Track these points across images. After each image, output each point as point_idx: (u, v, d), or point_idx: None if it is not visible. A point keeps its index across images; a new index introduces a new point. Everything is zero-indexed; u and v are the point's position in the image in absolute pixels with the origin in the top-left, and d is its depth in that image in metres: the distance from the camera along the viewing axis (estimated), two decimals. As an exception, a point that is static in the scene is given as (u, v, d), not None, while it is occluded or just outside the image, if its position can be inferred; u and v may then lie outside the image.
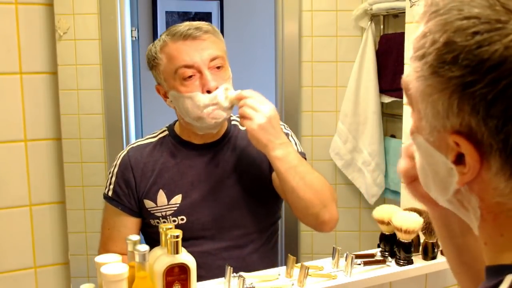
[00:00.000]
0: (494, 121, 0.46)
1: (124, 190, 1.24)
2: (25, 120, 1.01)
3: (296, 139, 1.32)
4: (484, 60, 0.45)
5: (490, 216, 0.52)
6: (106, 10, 1.45)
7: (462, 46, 0.46)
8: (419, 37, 0.52)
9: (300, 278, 1.13)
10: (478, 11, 0.46)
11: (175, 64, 1.18)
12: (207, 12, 2.65)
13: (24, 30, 0.99)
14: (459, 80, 0.47)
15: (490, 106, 0.46)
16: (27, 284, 1.04)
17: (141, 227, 1.27)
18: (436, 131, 0.51)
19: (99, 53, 1.45)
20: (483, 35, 0.46)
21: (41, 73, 1.01)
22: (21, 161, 1.01)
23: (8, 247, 1.02)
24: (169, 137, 1.29)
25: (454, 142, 0.49)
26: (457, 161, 0.51)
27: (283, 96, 1.81)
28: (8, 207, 1.02)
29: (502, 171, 0.48)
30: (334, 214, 1.19)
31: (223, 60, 1.22)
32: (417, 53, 0.51)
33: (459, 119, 0.48)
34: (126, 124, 1.50)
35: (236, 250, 1.25)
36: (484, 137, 0.47)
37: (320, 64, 1.79)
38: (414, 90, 0.53)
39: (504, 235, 0.51)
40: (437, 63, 0.49)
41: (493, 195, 0.50)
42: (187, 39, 1.18)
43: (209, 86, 1.17)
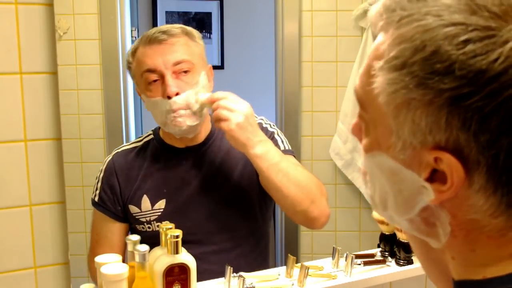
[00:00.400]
0: (486, 136, 0.43)
1: (109, 195, 1.23)
2: (25, 120, 1.01)
3: (283, 137, 1.29)
4: (482, 70, 0.42)
5: (462, 232, 0.49)
6: (106, 10, 1.45)
7: (455, 55, 0.43)
8: (389, 44, 0.47)
9: (300, 278, 1.13)
10: (462, 17, 0.43)
11: (140, 69, 1.18)
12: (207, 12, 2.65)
13: (24, 30, 0.99)
14: (452, 92, 0.43)
15: (484, 120, 0.43)
16: (27, 284, 1.04)
17: (130, 232, 1.27)
18: (411, 148, 0.47)
19: (99, 53, 1.45)
20: (475, 43, 0.43)
21: (41, 73, 1.01)
22: (21, 161, 1.01)
23: (8, 247, 1.02)
24: (154, 141, 1.28)
25: (433, 159, 0.46)
26: (430, 179, 0.47)
27: (283, 96, 1.81)
28: (8, 207, 1.02)
29: (485, 187, 0.45)
30: (324, 209, 1.16)
31: (190, 64, 1.18)
32: (394, 63, 0.46)
33: (445, 135, 0.45)
34: (126, 124, 1.50)
35: (223, 254, 1.23)
36: (471, 153, 0.44)
37: (320, 64, 1.79)
38: (383, 104, 0.48)
39: (476, 250, 0.49)
40: (425, 74, 0.44)
41: (468, 212, 0.47)
42: (153, 43, 1.17)
43: (168, 92, 1.14)
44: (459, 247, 0.50)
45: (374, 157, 0.52)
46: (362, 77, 0.52)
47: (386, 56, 0.47)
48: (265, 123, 1.30)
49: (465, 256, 0.50)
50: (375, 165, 0.53)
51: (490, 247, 0.48)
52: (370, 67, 0.50)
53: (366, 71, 0.51)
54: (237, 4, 2.70)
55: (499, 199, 0.46)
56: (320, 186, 1.18)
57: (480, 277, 0.48)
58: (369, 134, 0.53)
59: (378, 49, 0.49)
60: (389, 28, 0.48)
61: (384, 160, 0.51)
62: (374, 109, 0.50)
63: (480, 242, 0.48)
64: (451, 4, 0.44)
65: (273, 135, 1.27)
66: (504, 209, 0.46)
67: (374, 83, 0.48)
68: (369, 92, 0.50)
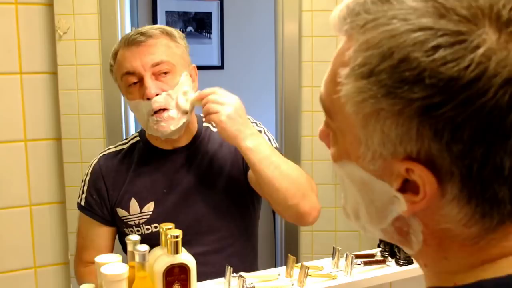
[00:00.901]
0: (459, 146, 0.41)
1: (96, 199, 1.22)
2: (25, 120, 1.01)
3: (270, 135, 1.28)
4: (453, 78, 0.40)
5: (435, 241, 0.48)
6: (106, 10, 1.45)
7: (424, 62, 0.41)
8: (356, 50, 0.45)
9: (300, 278, 1.13)
10: (430, 21, 0.41)
11: (120, 71, 1.17)
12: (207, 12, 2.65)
13: (24, 30, 0.99)
14: (423, 102, 0.41)
15: (457, 130, 0.41)
16: (27, 284, 1.04)
17: (118, 236, 1.26)
18: (382, 159, 0.45)
19: (99, 53, 1.45)
20: (446, 49, 0.40)
21: (41, 73, 1.01)
22: (21, 161, 1.01)
23: (8, 247, 1.02)
24: (140, 143, 1.27)
25: (405, 170, 0.44)
26: (402, 189, 0.46)
27: (283, 96, 1.81)
28: (8, 207, 1.02)
29: (459, 197, 0.44)
30: (315, 204, 1.15)
31: (170, 65, 1.16)
32: (361, 70, 0.44)
33: (417, 146, 0.43)
34: (126, 124, 1.50)
35: (214, 254, 1.22)
36: (444, 164, 0.43)
37: (320, 64, 1.79)
38: (351, 113, 0.46)
39: (448, 258, 0.48)
40: (393, 83, 0.42)
41: (441, 221, 0.46)
42: (132, 46, 1.15)
43: (147, 93, 1.13)
44: (432, 254, 0.49)
45: (343, 167, 0.50)
46: (327, 85, 0.50)
47: (352, 63, 0.45)
48: (252, 121, 1.29)
49: (438, 264, 0.49)
50: (345, 174, 0.51)
51: (463, 254, 0.47)
52: (335, 74, 0.47)
53: (331, 78, 0.48)
54: (237, 4, 2.70)
55: (473, 209, 0.44)
56: (310, 181, 1.17)
57: (451, 284, 0.48)
58: (337, 143, 0.51)
59: (343, 55, 0.47)
60: (354, 32, 0.46)
61: (354, 170, 0.49)
62: (341, 118, 0.48)
63: (452, 250, 0.48)
64: (418, 7, 0.42)
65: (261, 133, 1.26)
66: (478, 218, 0.45)
67: (341, 91, 0.46)
68: (336, 101, 0.47)
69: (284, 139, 1.77)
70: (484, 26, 0.41)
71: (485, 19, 0.41)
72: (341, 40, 0.49)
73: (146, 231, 1.20)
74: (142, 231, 1.20)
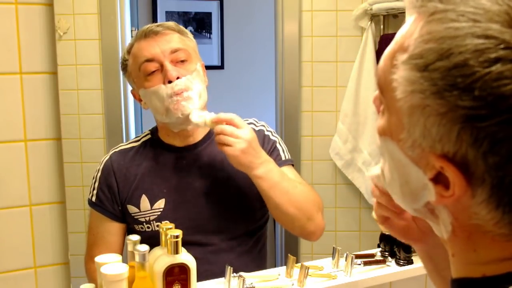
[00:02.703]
0: (496, 159, 0.42)
1: (107, 195, 1.23)
2: (25, 120, 1.01)
3: (284, 145, 1.30)
4: (504, 96, 0.40)
5: (464, 234, 0.49)
6: (106, 10, 1.45)
7: (479, 73, 0.40)
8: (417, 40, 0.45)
9: (300, 278, 1.13)
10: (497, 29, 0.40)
11: (138, 62, 1.19)
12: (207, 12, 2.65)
13: (24, 30, 0.99)
14: (468, 111, 0.42)
15: (496, 144, 0.42)
16: (27, 284, 1.04)
17: (127, 233, 1.26)
18: (420, 149, 0.47)
19: (99, 53, 1.45)
20: (504, 64, 0.40)
21: (41, 73, 1.01)
22: (21, 161, 1.01)
23: (8, 247, 1.02)
24: (152, 141, 1.28)
25: (440, 166, 0.45)
26: (435, 180, 0.47)
27: (283, 96, 1.81)
28: (8, 207, 1.02)
29: (488, 201, 0.45)
30: (320, 224, 1.20)
31: (186, 54, 1.20)
32: (416, 61, 0.44)
33: (454, 148, 0.44)
34: (126, 124, 1.50)
35: (222, 254, 1.23)
36: (478, 171, 0.44)
37: (320, 64, 1.79)
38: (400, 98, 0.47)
39: (477, 250, 0.49)
40: (445, 85, 0.42)
41: (471, 217, 0.47)
42: (148, 36, 1.19)
43: (169, 76, 1.16)
44: (460, 245, 0.50)
45: (386, 143, 0.52)
46: (385, 61, 0.50)
47: (410, 51, 0.45)
48: (267, 130, 1.30)
49: (466, 255, 0.50)
50: (387, 150, 0.53)
51: (493, 249, 0.48)
52: (394, 54, 0.48)
53: (389, 57, 0.49)
54: (237, 4, 2.70)
55: (501, 214, 0.45)
56: (317, 201, 1.21)
57: (479, 275, 0.48)
58: (384, 116, 0.52)
59: (405, 38, 0.47)
60: (421, 18, 0.45)
61: (395, 150, 0.50)
62: (391, 99, 0.49)
63: (483, 243, 0.48)
64: (490, 9, 0.41)
65: (275, 144, 1.28)
66: (506, 223, 0.46)
67: (395, 75, 0.47)
68: (389, 81, 0.48)
69: (284, 139, 1.76)
70: None
71: None
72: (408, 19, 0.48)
73: (157, 227, 1.20)
74: (152, 227, 1.21)
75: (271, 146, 1.26)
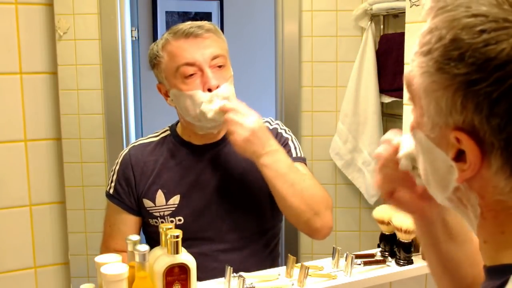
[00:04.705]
0: (497, 120, 0.46)
1: (125, 188, 1.24)
2: (25, 120, 1.01)
3: (297, 143, 1.31)
4: (490, 58, 0.45)
5: (491, 214, 0.52)
6: (106, 10, 1.45)
7: (469, 43, 0.46)
8: (425, 32, 0.51)
9: (300, 278, 1.13)
10: (486, 9, 0.46)
11: (176, 62, 1.18)
12: (207, 12, 2.65)
13: (24, 30, 0.99)
14: (464, 77, 0.47)
15: (494, 105, 0.46)
16: (27, 284, 1.04)
17: (142, 227, 1.28)
18: (438, 127, 0.51)
19: (99, 53, 1.45)
20: (490, 33, 0.45)
21: (41, 73, 1.01)
22: (21, 161, 1.01)
23: (8, 247, 1.02)
24: (171, 137, 1.29)
25: (455, 138, 0.49)
26: (456, 158, 0.50)
27: (283, 96, 1.81)
28: (8, 207, 1.02)
29: (502, 169, 0.48)
30: (327, 222, 1.18)
31: (224, 59, 1.21)
32: (423, 49, 0.51)
33: (462, 117, 0.48)
34: (126, 124, 1.50)
35: (234, 252, 1.24)
36: (486, 135, 0.47)
37: (320, 64, 1.80)
38: (417, 85, 0.52)
39: (506, 232, 0.51)
40: (443, 60, 0.48)
41: (493, 193, 0.50)
42: (189, 37, 1.18)
43: (210, 85, 1.16)
44: (489, 229, 0.53)
45: (416, 135, 0.57)
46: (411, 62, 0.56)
47: (420, 43, 0.52)
48: (281, 128, 1.31)
49: (496, 239, 0.52)
50: (418, 142, 0.57)
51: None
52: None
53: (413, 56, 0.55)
54: (237, 4, 2.70)
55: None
56: (326, 199, 1.20)
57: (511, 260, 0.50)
58: (413, 113, 0.57)
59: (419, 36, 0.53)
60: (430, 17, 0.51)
61: (422, 138, 0.55)
62: (413, 91, 0.54)
63: (509, 223, 0.51)
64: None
65: (287, 141, 1.28)
66: None
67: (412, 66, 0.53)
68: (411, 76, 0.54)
69: (284, 139, 1.77)
70: None
71: None
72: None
73: (171, 223, 1.21)
74: (166, 222, 1.21)
75: (284, 142, 1.27)
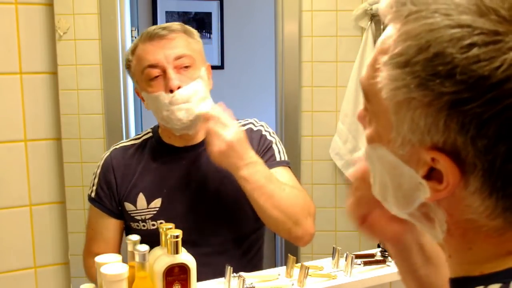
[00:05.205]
0: (484, 141, 0.43)
1: (106, 191, 1.23)
2: (25, 120, 1.01)
3: (281, 146, 1.28)
4: (484, 77, 0.42)
5: (458, 231, 0.49)
6: (106, 10, 1.45)
7: (458, 59, 0.42)
8: (395, 40, 0.47)
9: (300, 278, 1.13)
10: (469, 19, 0.43)
11: (141, 65, 1.18)
12: (207, 12, 2.65)
13: (24, 30, 0.99)
14: (452, 96, 0.43)
15: (482, 126, 0.43)
16: (27, 284, 1.04)
17: (125, 230, 1.26)
18: (410, 145, 0.48)
19: (99, 53, 1.45)
20: (480, 48, 0.42)
21: (41, 73, 1.01)
22: (21, 161, 1.01)
23: (8, 247, 1.02)
24: (152, 139, 1.28)
25: (430, 159, 0.46)
26: (427, 177, 0.47)
27: (283, 96, 1.81)
28: (8, 207, 1.02)
29: (481, 190, 0.45)
30: (308, 229, 1.16)
31: (191, 59, 1.18)
32: (397, 60, 0.46)
33: (443, 137, 0.45)
34: (126, 124, 1.50)
35: (218, 256, 1.22)
36: (468, 157, 0.44)
37: (320, 64, 1.79)
38: (386, 98, 0.48)
39: (473, 248, 0.49)
40: (426, 75, 0.44)
41: (465, 212, 0.47)
42: (154, 39, 1.17)
43: (170, 85, 1.14)
44: (456, 245, 0.50)
45: (375, 150, 0.53)
46: (368, 69, 0.52)
47: (391, 52, 0.47)
48: (265, 130, 1.29)
49: (462, 254, 0.50)
50: (376, 157, 0.53)
51: (488, 245, 0.48)
52: (376, 60, 0.50)
53: (372, 64, 0.51)
54: (237, 4, 2.70)
55: (494, 202, 0.46)
56: (307, 206, 1.18)
57: (477, 273, 0.48)
58: (371, 126, 0.53)
59: (385, 43, 0.49)
60: (398, 22, 0.47)
61: (385, 154, 0.51)
62: (377, 102, 0.50)
63: (477, 240, 0.49)
64: (461, 3, 0.43)
65: (271, 145, 1.26)
66: (500, 212, 0.46)
67: (378, 77, 0.48)
68: (373, 85, 0.50)
69: (284, 139, 1.77)
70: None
71: None
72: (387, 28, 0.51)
73: (152, 226, 1.21)
74: (147, 226, 1.21)
75: (267, 146, 1.25)
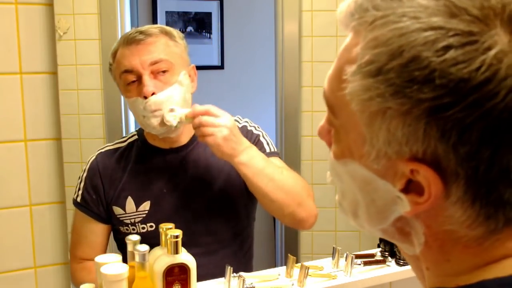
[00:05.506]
0: (466, 148, 0.41)
1: (92, 196, 1.21)
2: (25, 120, 1.01)
3: (268, 138, 1.29)
4: (464, 79, 0.39)
5: (437, 243, 0.47)
6: (106, 10, 1.45)
7: (435, 62, 0.40)
8: (364, 48, 0.44)
9: (300, 278, 1.13)
10: (441, 20, 0.41)
11: (119, 70, 1.17)
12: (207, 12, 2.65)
13: (24, 30, 0.99)
14: (432, 102, 0.40)
15: (464, 132, 0.40)
16: (27, 284, 1.04)
17: (113, 234, 1.25)
18: (386, 158, 0.45)
19: (99, 53, 1.45)
20: (457, 49, 0.40)
21: (41, 73, 1.01)
22: (21, 161, 1.02)
23: (8, 247, 1.03)
24: (138, 142, 1.27)
25: (410, 170, 0.43)
26: (405, 190, 0.45)
27: (283, 96, 1.81)
28: (8, 207, 1.02)
29: (463, 199, 0.43)
30: (311, 211, 1.17)
31: (169, 64, 1.16)
32: (368, 68, 0.43)
33: (423, 146, 0.42)
34: (126, 124, 1.50)
35: (209, 256, 1.22)
36: (450, 165, 0.42)
37: (320, 64, 1.79)
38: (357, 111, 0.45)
39: (451, 260, 0.47)
40: (402, 82, 0.41)
41: (444, 223, 0.45)
42: (131, 44, 1.15)
43: (144, 91, 1.13)
44: (433, 257, 0.49)
45: (345, 165, 0.49)
46: (331, 81, 0.48)
47: (359, 61, 0.44)
48: (250, 125, 1.29)
49: (440, 266, 0.49)
50: (346, 173, 0.50)
51: (466, 256, 0.47)
52: (341, 70, 0.46)
53: (336, 75, 0.47)
54: (237, 4, 2.70)
55: (477, 211, 0.44)
56: (306, 187, 1.19)
57: (452, 285, 0.47)
58: (340, 141, 0.49)
59: (349, 51, 0.46)
60: (362, 29, 0.45)
61: (357, 169, 0.48)
62: (346, 115, 0.47)
63: (455, 252, 0.47)
64: (429, 5, 0.41)
65: (259, 138, 1.26)
66: (482, 220, 0.44)
67: (346, 89, 0.45)
68: (341, 98, 0.46)
69: (284, 139, 1.77)
70: (496, 27, 0.40)
71: (497, 19, 0.41)
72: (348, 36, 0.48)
73: (142, 230, 1.20)
74: (137, 229, 1.20)
75: (255, 139, 1.25)
